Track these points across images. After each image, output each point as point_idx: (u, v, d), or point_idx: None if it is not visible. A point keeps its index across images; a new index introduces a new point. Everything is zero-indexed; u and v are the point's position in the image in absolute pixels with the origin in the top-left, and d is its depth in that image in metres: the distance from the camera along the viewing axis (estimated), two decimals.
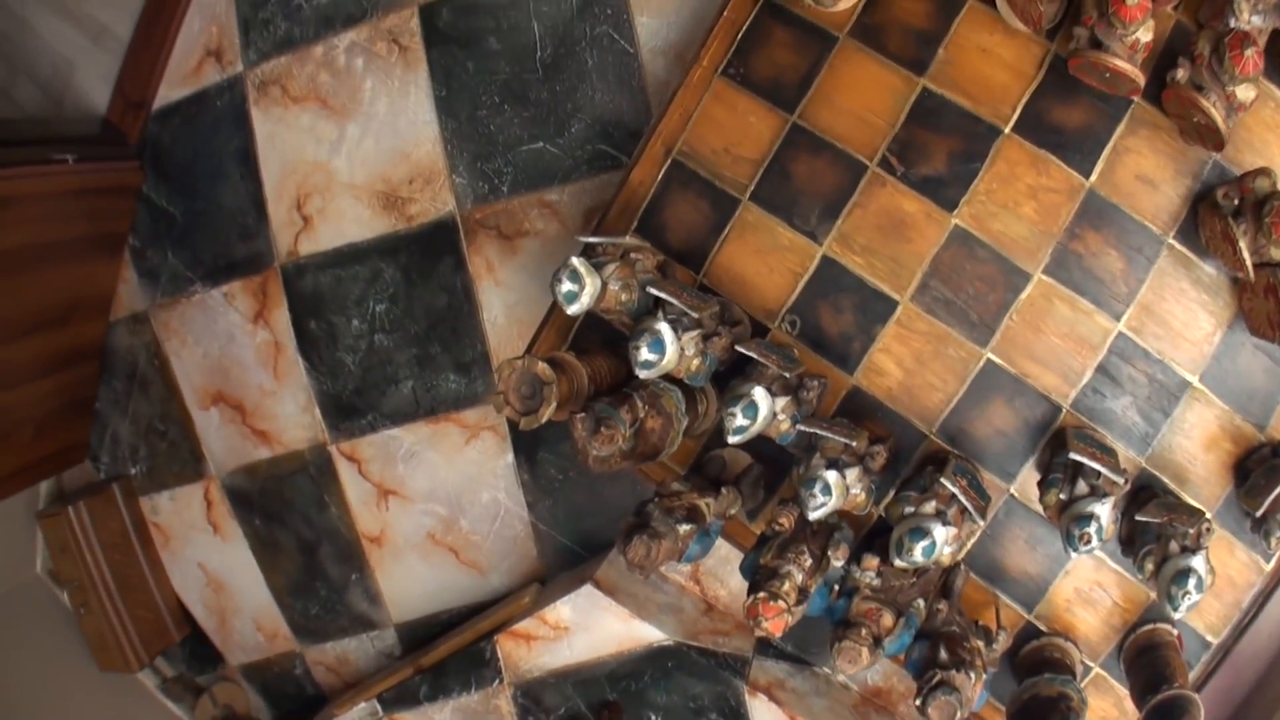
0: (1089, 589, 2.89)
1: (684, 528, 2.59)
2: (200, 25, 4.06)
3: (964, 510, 2.59)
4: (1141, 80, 2.50)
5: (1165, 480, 2.81)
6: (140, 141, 4.18)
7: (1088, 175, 2.77)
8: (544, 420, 2.57)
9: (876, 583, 2.63)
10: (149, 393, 4.42)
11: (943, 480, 2.57)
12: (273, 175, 4.08)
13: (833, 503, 2.57)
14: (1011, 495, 2.89)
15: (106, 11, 4.12)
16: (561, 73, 3.76)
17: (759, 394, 2.61)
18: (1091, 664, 2.93)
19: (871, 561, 2.63)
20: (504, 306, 3.89)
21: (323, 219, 4.04)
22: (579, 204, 3.78)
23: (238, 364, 4.24)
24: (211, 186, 4.16)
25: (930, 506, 2.57)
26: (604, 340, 3.11)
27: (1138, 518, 2.54)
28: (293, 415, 4.20)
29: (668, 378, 2.79)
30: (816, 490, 2.55)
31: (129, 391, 4.45)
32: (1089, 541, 2.46)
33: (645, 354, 2.59)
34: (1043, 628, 2.92)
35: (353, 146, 3.98)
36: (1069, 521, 2.50)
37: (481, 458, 3.99)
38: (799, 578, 2.53)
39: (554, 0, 3.73)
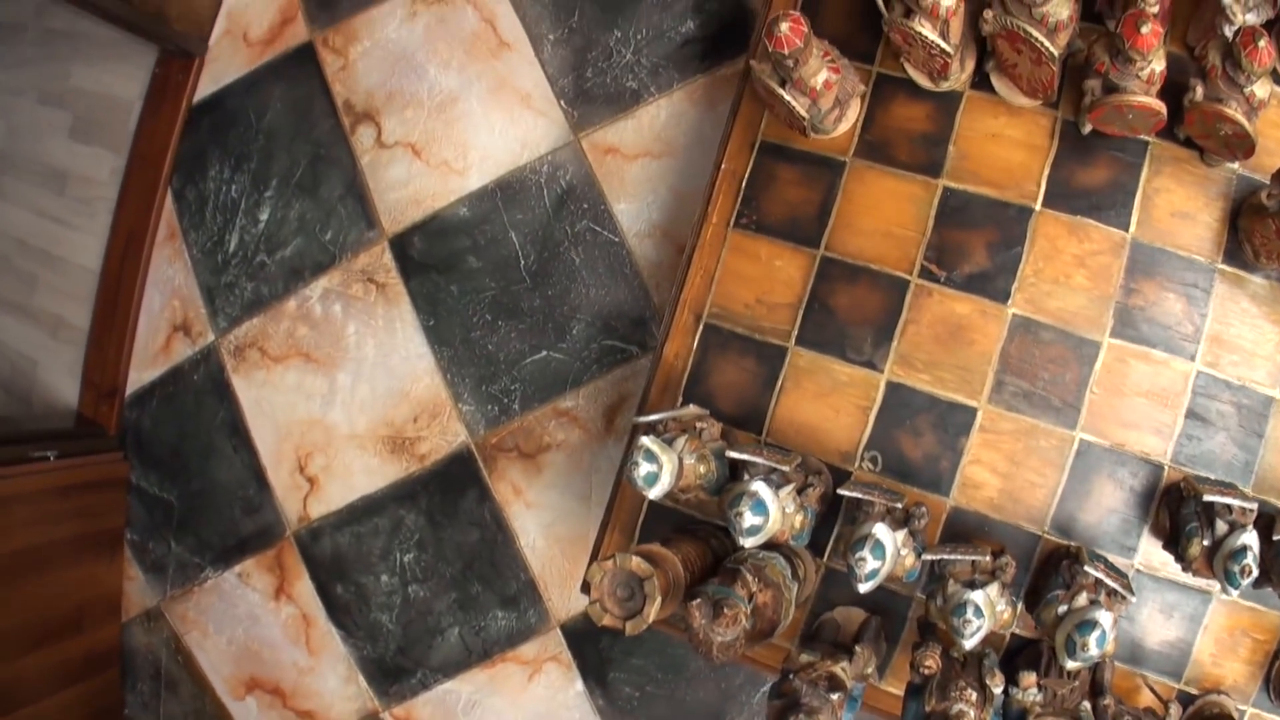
0: (1228, 637, 2.68)
1: (834, 696, 2.37)
2: (161, 301, 3.96)
3: (1111, 592, 2.40)
4: (1165, 112, 2.43)
5: (1274, 502, 2.64)
6: (120, 431, 4.01)
7: (1127, 228, 2.67)
8: (651, 619, 2.35)
9: (1040, 698, 2.43)
10: (178, 691, 4.12)
11: (1085, 569, 2.39)
12: (267, 442, 3.90)
13: (987, 624, 2.35)
14: (1138, 570, 2.69)
15: (59, 303, 4.03)
16: (550, 277, 3.67)
17: (882, 531, 2.41)
18: (1245, 708, 2.70)
19: (1029, 678, 2.42)
20: (540, 528, 3.68)
21: (329, 477, 3.85)
22: (597, 405, 3.63)
23: (267, 645, 3.97)
24: (204, 465, 3.96)
25: (1083, 598, 2.38)
26: (675, 528, 2.91)
27: (1275, 537, 2.36)
28: (336, 689, 3.91)
29: (767, 545, 2.60)
30: (969, 615, 2.34)
31: (157, 693, 4.13)
32: (1250, 573, 2.27)
33: (750, 519, 2.40)
34: (1194, 691, 2.69)
35: (347, 396, 3.82)
36: (1224, 562, 2.31)
37: (549, 692, 3.71)
38: (972, 714, 2.31)
39: (527, 207, 3.66)
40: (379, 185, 3.81)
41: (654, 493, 2.44)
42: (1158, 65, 2.36)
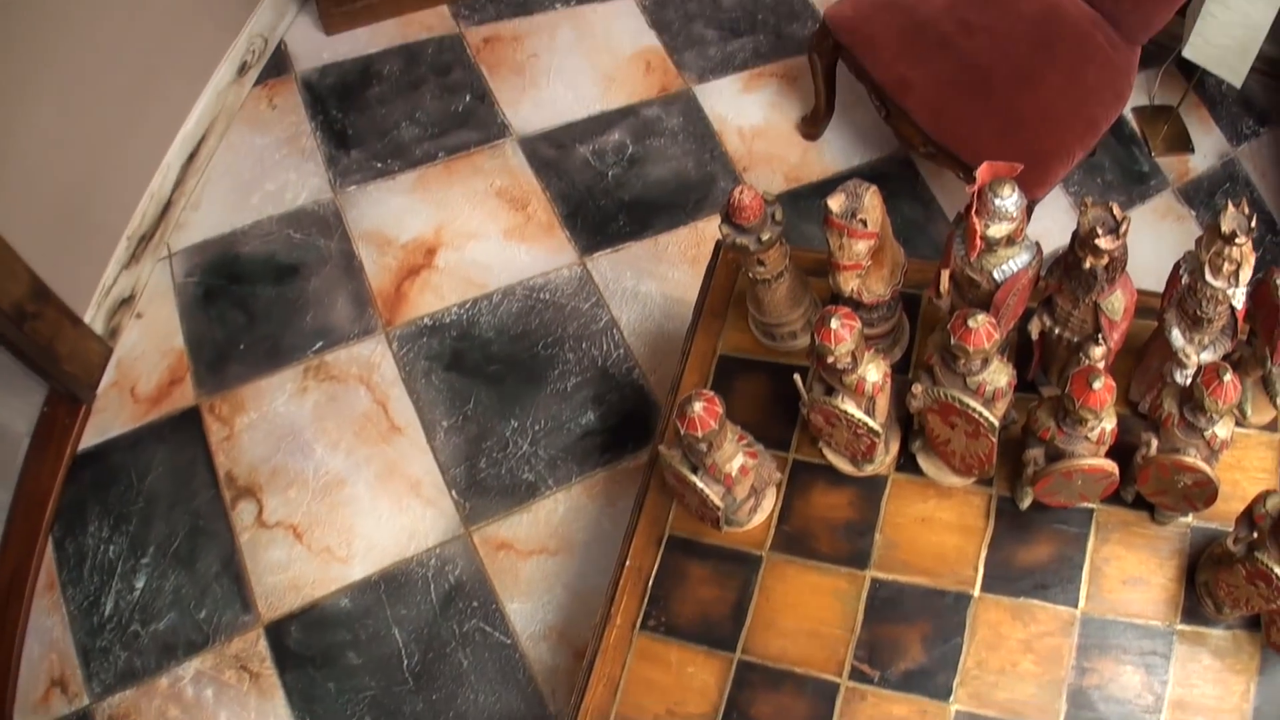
0: None
1: None
2: (41, 651, 3.68)
3: None
4: (1117, 473, 2.31)
5: None
6: None
7: (1076, 604, 2.50)
8: None
9: None
10: None
11: None
12: None
13: None
14: None
15: None
16: (436, 679, 3.46)
17: None
18: None
19: None
20: None
21: None
22: None
23: None
24: None
25: None
26: None
27: None
28: None
29: None
30: None
31: None
32: None
33: None
34: None
35: None
36: None
37: None
38: None
39: (413, 602, 3.50)
40: (257, 566, 3.63)
41: None
42: (1109, 423, 2.27)
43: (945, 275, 2.39)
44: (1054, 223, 4.05)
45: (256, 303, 4.07)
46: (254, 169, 4.44)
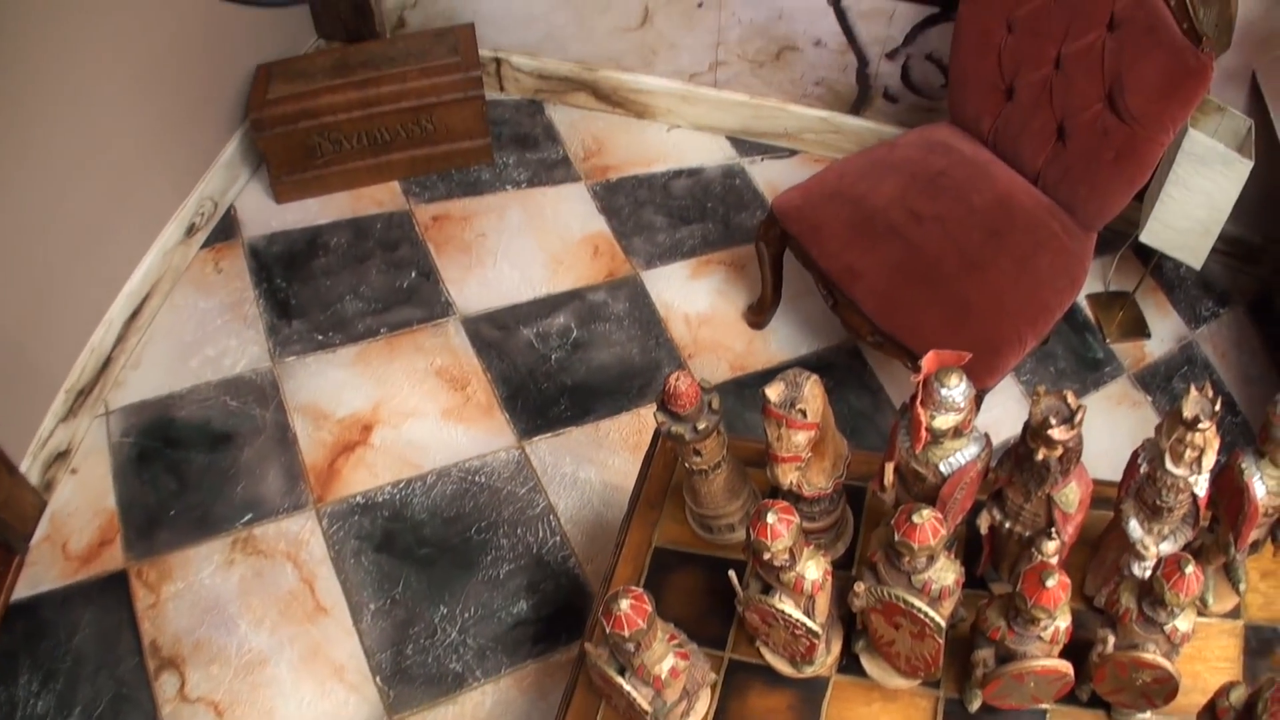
0: None
1: None
2: None
3: None
4: (1072, 673, 2.21)
5: None
6: None
7: None
8: None
9: None
10: None
11: None
12: None
13: None
14: None
15: None
16: None
17: None
18: None
19: None
20: None
21: None
22: None
23: None
24: None
25: None
26: None
27: None
28: None
29: None
30: None
31: None
32: None
33: None
34: None
35: None
36: None
37: None
38: None
39: None
40: None
41: None
42: (1063, 621, 2.18)
43: (890, 468, 2.32)
44: (1005, 412, 4.03)
45: (189, 469, 3.99)
46: (196, 332, 4.41)
